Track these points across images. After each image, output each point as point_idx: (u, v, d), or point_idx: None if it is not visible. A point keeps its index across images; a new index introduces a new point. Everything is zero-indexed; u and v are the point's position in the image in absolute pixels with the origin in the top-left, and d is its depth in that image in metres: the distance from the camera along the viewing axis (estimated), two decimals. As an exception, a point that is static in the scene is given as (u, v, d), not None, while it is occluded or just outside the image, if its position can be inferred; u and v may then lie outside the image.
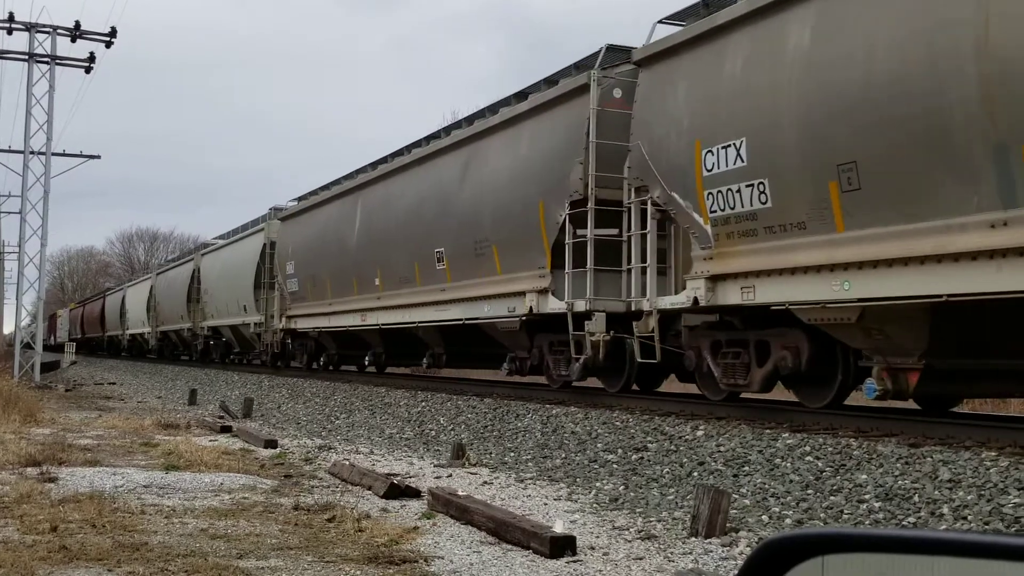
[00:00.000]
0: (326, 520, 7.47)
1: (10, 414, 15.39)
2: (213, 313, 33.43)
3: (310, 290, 23.91)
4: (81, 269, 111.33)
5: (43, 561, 5.90)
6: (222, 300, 32.13)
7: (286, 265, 25.56)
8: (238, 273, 29.94)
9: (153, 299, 43.75)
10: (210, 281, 33.86)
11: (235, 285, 30.40)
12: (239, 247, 31.06)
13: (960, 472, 7.08)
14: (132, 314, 49.95)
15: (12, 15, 29.95)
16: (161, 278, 43.38)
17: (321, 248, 23.14)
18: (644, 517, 7.82)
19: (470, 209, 15.55)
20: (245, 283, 29.04)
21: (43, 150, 30.65)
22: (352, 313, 21.13)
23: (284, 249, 25.99)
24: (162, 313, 42.00)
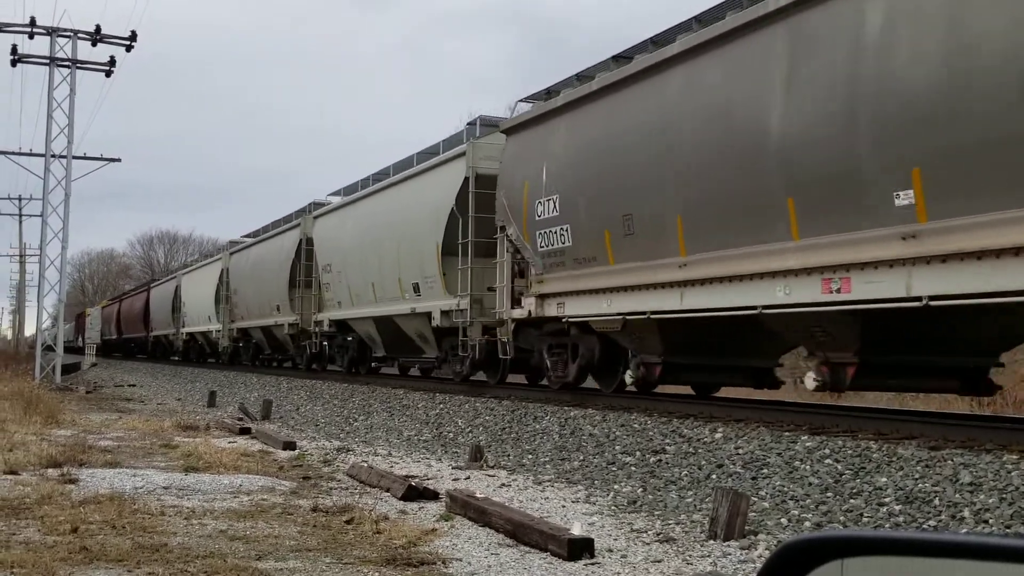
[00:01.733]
0: (344, 522, 7.48)
1: (31, 416, 15.50)
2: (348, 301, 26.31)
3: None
4: (101, 272, 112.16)
5: (64, 562, 5.94)
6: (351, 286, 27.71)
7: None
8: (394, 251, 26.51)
9: (225, 286, 35.34)
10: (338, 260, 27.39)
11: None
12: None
13: (981, 475, 7.03)
14: (192, 307, 41.46)
15: (34, 20, 30.22)
16: (243, 257, 33.68)
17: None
18: (662, 519, 7.80)
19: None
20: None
21: (64, 153, 30.88)
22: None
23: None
24: (244, 305, 32.83)
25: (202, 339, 39.58)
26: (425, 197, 18.73)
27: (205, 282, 37.81)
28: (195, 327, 39.98)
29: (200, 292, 38.64)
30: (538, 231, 13.94)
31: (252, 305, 30.99)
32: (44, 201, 31.30)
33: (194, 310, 39.96)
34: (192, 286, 41.07)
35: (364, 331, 22.61)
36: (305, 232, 26.46)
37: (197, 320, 39.53)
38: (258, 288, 30.10)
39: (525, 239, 14.41)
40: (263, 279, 29.50)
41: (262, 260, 30.21)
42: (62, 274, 32.21)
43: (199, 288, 39.00)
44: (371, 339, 22.54)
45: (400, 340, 20.74)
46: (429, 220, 18.09)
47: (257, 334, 31.32)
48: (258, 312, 30.22)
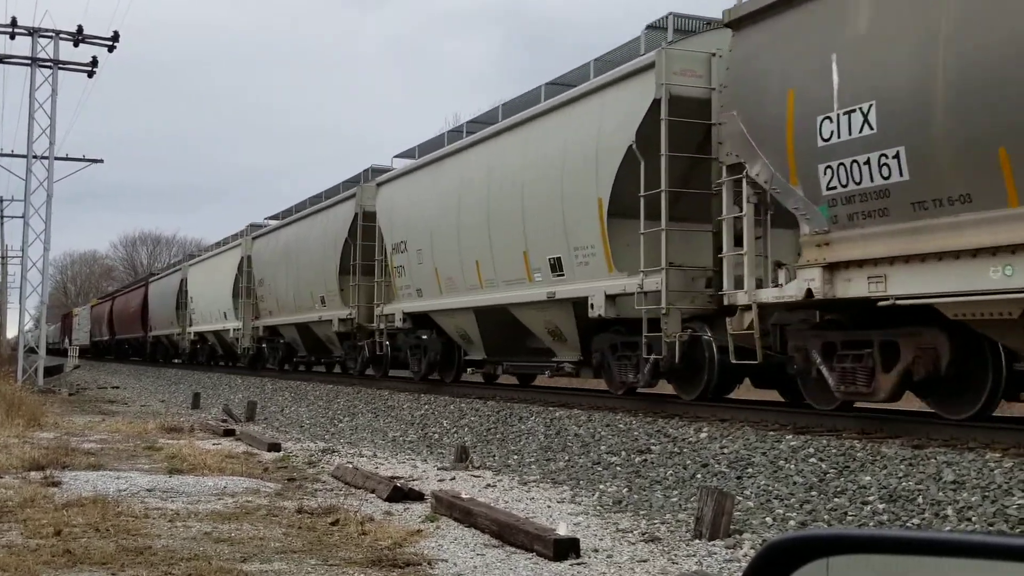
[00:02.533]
0: (330, 523, 7.47)
1: (13, 418, 15.40)
2: (434, 288, 19.41)
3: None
4: (84, 273, 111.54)
5: (47, 565, 5.91)
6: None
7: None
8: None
9: (246, 277, 30.14)
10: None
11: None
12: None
13: (964, 473, 7.07)
14: (202, 303, 35.93)
15: (15, 20, 30.03)
16: (271, 241, 28.32)
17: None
18: (648, 519, 7.82)
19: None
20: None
21: (46, 154, 30.71)
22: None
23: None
24: (273, 298, 27.49)
25: (214, 339, 34.73)
26: (580, 131, 13.03)
27: (219, 273, 32.90)
28: (206, 326, 35.09)
29: (213, 285, 33.75)
30: (825, 164, 8.90)
31: (285, 298, 26.12)
32: (26, 202, 31.12)
33: (205, 306, 35.01)
34: (202, 278, 35.84)
35: (455, 327, 17.07)
36: (362, 205, 21.13)
37: (208, 317, 34.52)
38: (294, 277, 25.21)
39: (792, 178, 9.38)
40: (301, 266, 24.69)
41: (299, 244, 25.12)
42: (44, 276, 32.02)
43: (211, 280, 33.97)
44: (464, 337, 17.03)
45: (515, 337, 15.40)
46: (586, 163, 12.78)
47: (290, 332, 26.51)
48: (293, 306, 25.31)
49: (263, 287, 28.18)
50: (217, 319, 33.13)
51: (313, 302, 23.72)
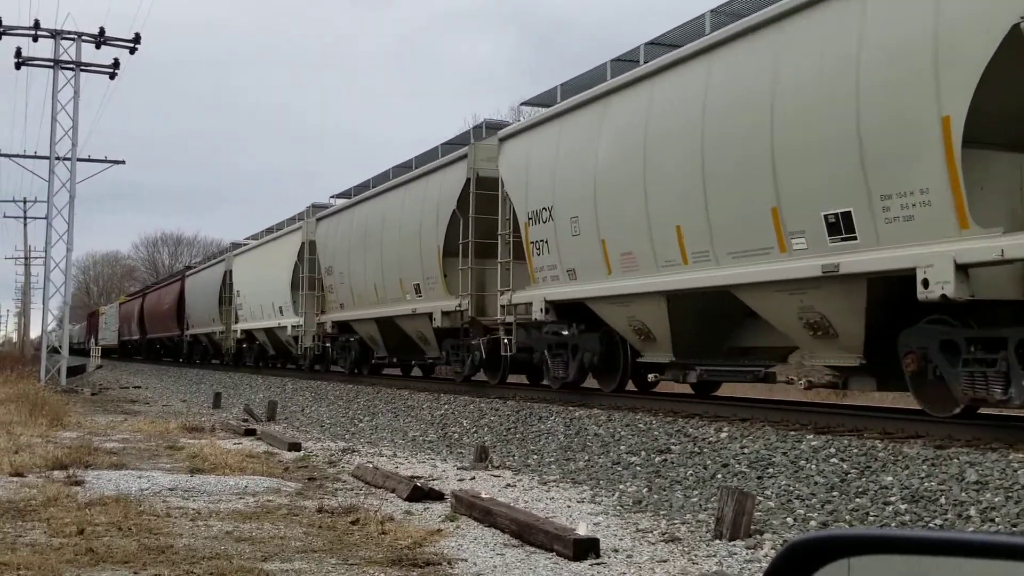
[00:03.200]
0: (350, 523, 7.49)
1: (37, 418, 15.52)
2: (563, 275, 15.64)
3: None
4: (106, 274, 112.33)
5: (70, 564, 5.95)
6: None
7: None
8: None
9: (309, 265, 26.34)
10: None
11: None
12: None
13: (987, 474, 7.02)
14: (252, 297, 31.61)
15: (38, 22, 30.23)
16: (343, 222, 24.00)
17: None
18: (668, 519, 7.80)
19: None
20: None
21: (68, 156, 30.92)
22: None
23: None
24: (347, 288, 23.11)
25: (264, 338, 30.81)
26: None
27: (273, 263, 29.05)
28: (256, 323, 31.09)
29: (265, 277, 29.94)
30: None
31: (362, 288, 21.95)
32: (49, 204, 31.35)
33: (254, 301, 31.09)
34: (251, 270, 32.02)
35: (628, 319, 12.81)
36: (476, 168, 16.86)
37: (259, 313, 30.55)
38: (375, 263, 21.15)
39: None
40: (386, 250, 20.57)
41: (384, 222, 20.78)
42: (67, 276, 32.24)
43: (263, 271, 30.20)
44: (642, 332, 12.73)
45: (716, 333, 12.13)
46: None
47: (367, 329, 22.35)
48: (374, 298, 21.17)
49: (332, 276, 24.08)
50: (270, 315, 29.32)
51: (403, 292, 19.64)
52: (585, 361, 14.04)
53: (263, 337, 31.22)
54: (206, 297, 38.48)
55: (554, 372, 14.84)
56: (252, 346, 33.64)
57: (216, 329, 37.02)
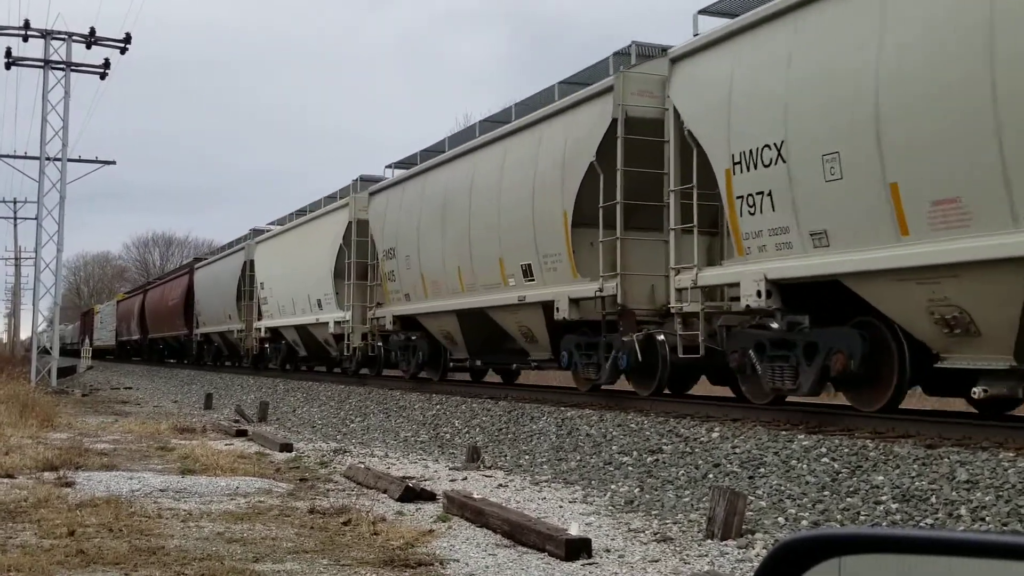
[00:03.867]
0: (342, 523, 7.48)
1: (27, 419, 15.47)
2: None
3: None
4: (97, 275, 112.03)
5: (60, 565, 5.93)
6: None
7: None
8: None
9: (357, 249, 21.74)
10: None
11: None
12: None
13: (978, 473, 7.04)
14: (279, 289, 27.37)
15: (28, 22, 30.17)
16: (408, 194, 19.28)
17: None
18: (660, 519, 7.81)
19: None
20: None
21: (59, 156, 30.84)
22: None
23: None
24: (416, 275, 18.61)
25: (296, 336, 26.62)
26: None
27: (310, 248, 24.74)
28: (285, 319, 27.01)
29: (298, 264, 25.60)
30: None
31: (439, 274, 17.44)
32: (39, 204, 31.28)
33: (284, 293, 26.90)
34: (279, 258, 27.76)
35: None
36: (624, 102, 12.61)
37: (290, 308, 26.48)
38: (462, 241, 16.55)
39: None
40: (483, 220, 15.81)
41: (485, 185, 16.01)
42: (57, 277, 32.15)
43: (296, 259, 25.84)
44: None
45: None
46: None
47: (445, 325, 17.67)
48: (461, 285, 16.63)
49: (394, 261, 19.58)
50: (304, 310, 25.11)
51: (503, 277, 15.26)
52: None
53: (294, 336, 26.91)
54: (221, 291, 34.10)
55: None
56: (278, 346, 29.07)
57: (233, 327, 32.61)
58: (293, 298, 26.23)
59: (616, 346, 12.84)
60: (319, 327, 24.31)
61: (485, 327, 16.60)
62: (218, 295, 34.67)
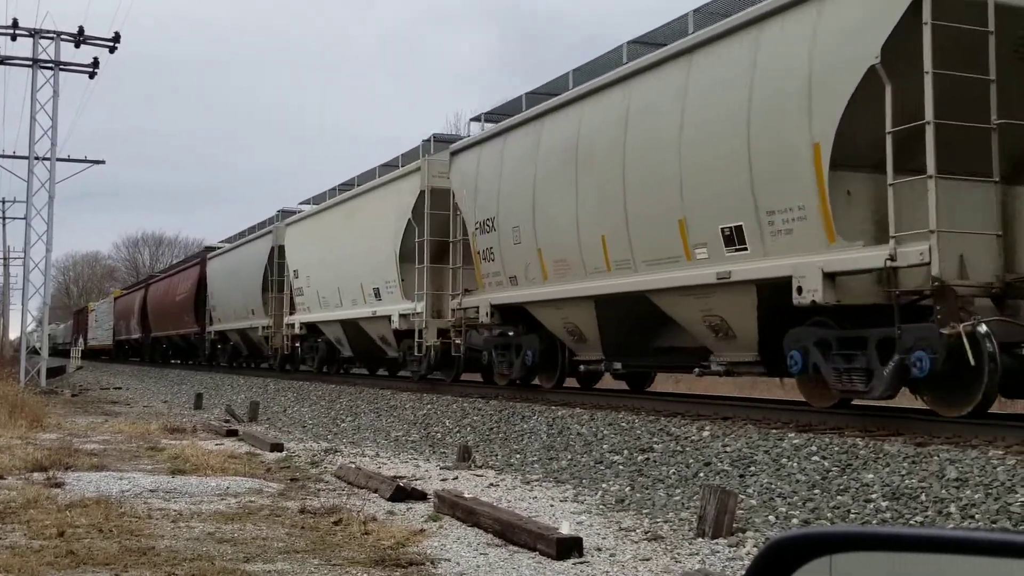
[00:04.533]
0: (332, 523, 7.47)
1: (16, 419, 15.41)
2: None
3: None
4: (86, 274, 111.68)
5: (50, 566, 5.91)
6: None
7: None
8: None
9: (429, 225, 17.94)
10: None
11: None
12: None
13: (967, 471, 7.07)
14: (321, 279, 23.26)
15: (16, 21, 30.06)
16: (492, 152, 15.63)
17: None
18: (651, 518, 7.81)
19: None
20: None
21: (48, 156, 30.73)
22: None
23: None
24: (534, 246, 14.41)
25: (340, 333, 22.46)
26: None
27: (364, 228, 20.55)
28: (328, 312, 22.83)
29: (348, 247, 21.56)
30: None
31: (578, 249, 13.28)
32: (28, 204, 31.15)
33: (328, 282, 22.67)
34: (320, 240, 23.58)
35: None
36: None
37: (334, 299, 22.40)
38: (624, 201, 12.28)
39: None
40: (642, 169, 11.95)
41: (670, 123, 11.43)
42: (46, 277, 32.04)
43: (345, 240, 21.77)
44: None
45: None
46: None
47: (576, 315, 13.85)
48: (613, 260, 12.57)
49: (494, 235, 15.51)
50: (356, 301, 20.97)
51: (690, 246, 11.16)
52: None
53: (337, 333, 22.80)
54: (241, 283, 29.93)
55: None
56: (315, 344, 24.94)
57: (258, 323, 28.50)
58: (339, 288, 21.95)
59: (913, 342, 8.61)
60: (375, 322, 20.06)
61: (636, 318, 12.72)
62: (238, 287, 30.51)
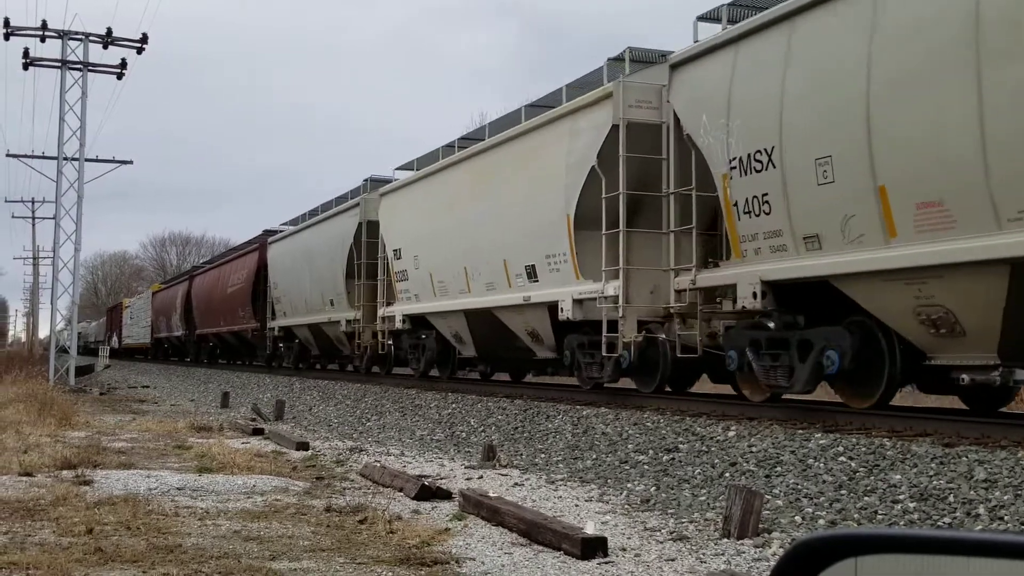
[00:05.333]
0: (358, 522, 7.49)
1: (46, 418, 15.57)
2: None
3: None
4: (115, 274, 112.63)
5: (79, 563, 5.96)
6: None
7: None
8: None
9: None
10: None
11: None
12: None
13: (996, 472, 7.00)
14: (436, 259, 18.30)
15: (45, 23, 30.37)
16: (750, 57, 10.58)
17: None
18: (676, 518, 7.79)
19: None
20: None
21: (76, 156, 31.01)
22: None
23: None
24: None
25: (463, 327, 17.73)
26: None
27: (511, 189, 15.65)
28: (441, 301, 18.27)
29: (478, 221, 16.56)
30: None
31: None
32: (57, 204, 31.47)
33: (445, 263, 18.01)
34: (431, 211, 18.67)
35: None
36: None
37: (452, 284, 17.76)
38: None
39: None
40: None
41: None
42: (75, 276, 32.37)
43: (475, 208, 16.81)
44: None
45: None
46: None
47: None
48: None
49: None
50: (493, 285, 16.22)
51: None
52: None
53: (458, 326, 17.93)
54: (315, 270, 25.19)
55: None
56: (419, 343, 20.26)
57: (338, 316, 23.38)
58: (467, 268, 17.14)
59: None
60: (524, 312, 15.57)
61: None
62: (310, 275, 25.68)
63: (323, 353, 27.39)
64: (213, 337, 37.70)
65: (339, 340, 24.49)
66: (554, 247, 14.03)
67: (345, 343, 24.04)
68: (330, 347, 26.13)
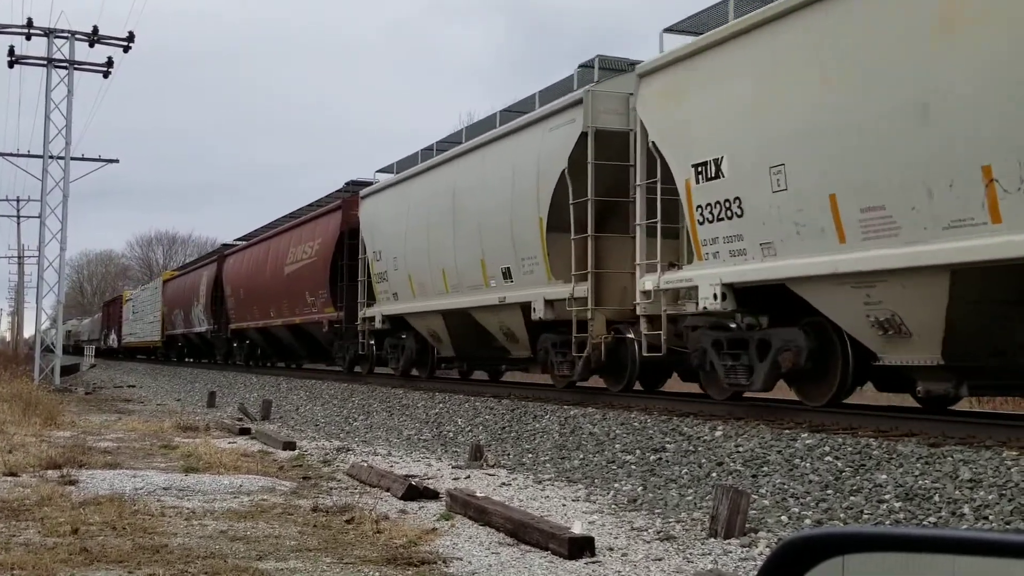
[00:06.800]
0: (345, 522, 7.48)
1: (31, 417, 15.50)
2: None
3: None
4: (100, 273, 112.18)
5: (64, 563, 5.94)
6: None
7: None
8: None
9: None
10: None
11: None
12: None
13: (981, 472, 7.04)
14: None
15: (31, 21, 30.21)
16: None
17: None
18: (663, 518, 7.81)
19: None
20: None
21: (62, 155, 30.88)
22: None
23: None
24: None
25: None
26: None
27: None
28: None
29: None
30: None
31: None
32: (42, 203, 31.32)
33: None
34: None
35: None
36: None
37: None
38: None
39: None
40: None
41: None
42: (61, 276, 32.21)
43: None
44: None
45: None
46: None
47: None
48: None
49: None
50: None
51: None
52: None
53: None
54: (462, 224, 16.31)
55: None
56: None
57: (523, 296, 14.43)
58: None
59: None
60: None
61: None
62: (456, 232, 16.54)
63: (468, 356, 18.68)
64: (257, 333, 28.99)
65: (509, 335, 15.73)
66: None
67: (525, 343, 15.33)
68: (485, 344, 17.05)
